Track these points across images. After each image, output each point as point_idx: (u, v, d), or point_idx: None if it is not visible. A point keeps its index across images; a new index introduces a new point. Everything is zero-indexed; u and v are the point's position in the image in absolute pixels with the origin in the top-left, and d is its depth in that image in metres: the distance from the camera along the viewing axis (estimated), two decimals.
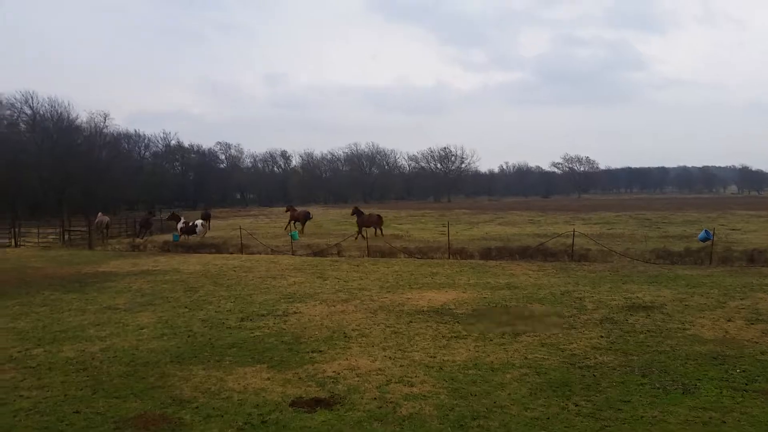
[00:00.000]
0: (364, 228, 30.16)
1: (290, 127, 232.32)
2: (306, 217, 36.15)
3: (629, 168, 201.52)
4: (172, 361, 8.69)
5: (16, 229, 33.09)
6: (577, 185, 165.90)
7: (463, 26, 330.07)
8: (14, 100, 74.79)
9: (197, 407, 6.81)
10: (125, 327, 11.02)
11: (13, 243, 31.89)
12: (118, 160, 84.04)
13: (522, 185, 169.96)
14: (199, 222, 32.38)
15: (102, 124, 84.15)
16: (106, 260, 22.69)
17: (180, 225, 31.78)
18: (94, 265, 21.24)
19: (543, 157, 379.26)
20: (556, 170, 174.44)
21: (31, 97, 75.47)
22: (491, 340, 9.54)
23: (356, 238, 27.83)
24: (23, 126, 76.82)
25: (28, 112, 76.05)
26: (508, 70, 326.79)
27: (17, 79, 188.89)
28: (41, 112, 76.26)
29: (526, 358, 8.54)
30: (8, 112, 75.27)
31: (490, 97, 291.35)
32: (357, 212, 32.60)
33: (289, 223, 36.80)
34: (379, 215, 32.30)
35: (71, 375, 8.11)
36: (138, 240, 31.52)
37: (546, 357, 8.56)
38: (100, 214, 36.20)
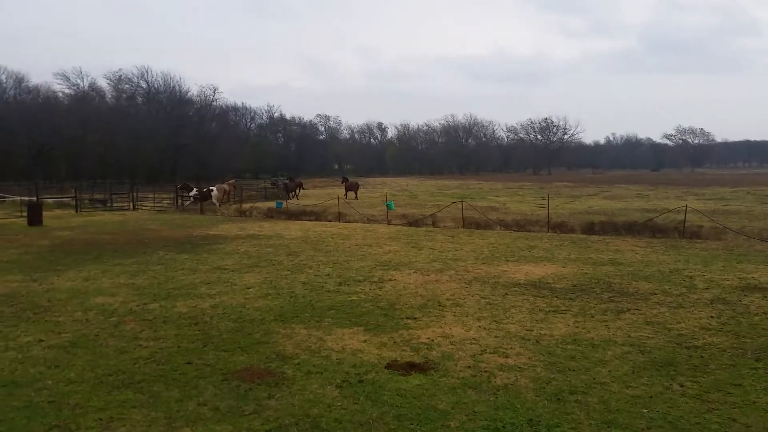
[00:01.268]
0: (348, 192, 41.85)
1: (386, 99, 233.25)
2: (299, 185, 46.80)
3: (748, 141, 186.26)
4: (275, 320, 9.11)
5: (135, 194, 35.92)
6: (690, 158, 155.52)
7: None
8: (132, 75, 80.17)
9: (299, 363, 7.12)
10: (233, 286, 11.65)
11: (131, 207, 34.67)
12: (226, 131, 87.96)
13: (630, 158, 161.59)
14: (214, 188, 33.84)
15: (211, 96, 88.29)
16: (216, 224, 24.03)
17: (192, 193, 33.12)
18: (204, 228, 22.57)
19: (654, 129, 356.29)
20: (668, 142, 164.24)
21: (146, 72, 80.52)
22: (592, 317, 9.25)
23: (345, 197, 38.87)
24: (140, 99, 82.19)
25: (144, 86, 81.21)
26: (611, 37, 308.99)
27: (133, 54, 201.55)
28: (155, 86, 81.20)
29: (629, 336, 8.21)
30: (127, 86, 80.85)
31: (593, 65, 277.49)
32: (344, 180, 45.20)
33: (289, 190, 45.32)
34: (357, 182, 44.47)
35: (184, 329, 8.70)
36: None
37: (651, 336, 8.19)
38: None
